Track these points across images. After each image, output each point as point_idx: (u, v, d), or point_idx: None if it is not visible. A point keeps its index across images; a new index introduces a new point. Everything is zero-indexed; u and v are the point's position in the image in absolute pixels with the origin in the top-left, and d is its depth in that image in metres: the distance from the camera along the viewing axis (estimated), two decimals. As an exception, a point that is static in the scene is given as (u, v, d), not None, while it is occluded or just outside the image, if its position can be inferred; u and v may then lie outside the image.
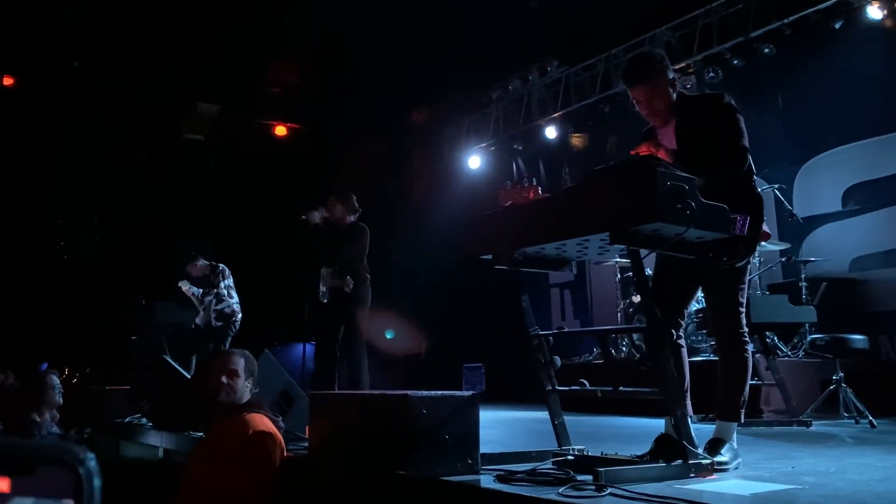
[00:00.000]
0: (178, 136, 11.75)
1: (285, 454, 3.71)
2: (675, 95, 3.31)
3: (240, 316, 8.07)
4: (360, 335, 6.09)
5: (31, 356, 9.79)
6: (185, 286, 8.00)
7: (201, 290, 7.85)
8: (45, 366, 9.62)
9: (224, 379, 3.74)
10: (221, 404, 3.75)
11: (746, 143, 3.16)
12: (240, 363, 3.82)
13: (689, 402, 3.20)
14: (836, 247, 7.75)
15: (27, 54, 10.27)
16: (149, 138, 11.49)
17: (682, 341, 3.33)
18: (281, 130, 12.60)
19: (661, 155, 3.07)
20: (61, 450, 0.66)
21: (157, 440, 5.35)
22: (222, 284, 7.98)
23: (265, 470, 3.55)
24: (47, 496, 0.65)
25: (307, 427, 3.86)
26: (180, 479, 3.78)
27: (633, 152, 3.09)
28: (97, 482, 0.66)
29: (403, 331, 10.82)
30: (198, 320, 8.08)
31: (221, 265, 8.17)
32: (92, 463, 0.66)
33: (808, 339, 6.39)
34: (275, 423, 3.79)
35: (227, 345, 7.81)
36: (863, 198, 7.76)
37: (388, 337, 7.58)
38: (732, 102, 3.26)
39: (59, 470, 0.65)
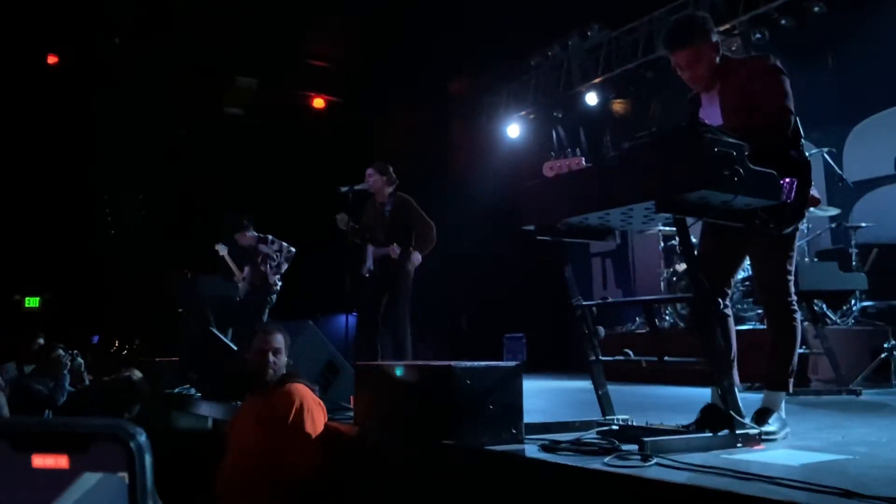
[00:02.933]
0: (218, 110, 11.88)
1: (326, 420, 3.80)
2: (718, 59, 3.22)
3: (277, 288, 8.21)
4: (405, 306, 6.13)
5: (81, 329, 10.08)
6: (222, 249, 8.20)
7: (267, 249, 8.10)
8: (96, 338, 9.92)
9: (271, 357, 3.81)
10: (264, 380, 3.81)
11: (792, 106, 3.06)
12: (283, 340, 3.90)
13: (735, 372, 3.16)
14: (889, 212, 7.52)
15: (70, 33, 10.43)
16: (190, 113, 11.63)
17: (728, 311, 3.28)
18: (319, 103, 12.64)
19: None
20: (114, 426, 0.70)
21: (207, 410, 5.48)
22: (273, 253, 8.16)
23: (311, 438, 3.62)
24: (103, 471, 0.67)
25: (352, 397, 3.91)
26: (223, 452, 3.84)
27: None
28: (148, 457, 0.69)
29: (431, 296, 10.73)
30: (240, 293, 8.25)
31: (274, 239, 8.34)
32: (143, 437, 0.70)
33: (859, 306, 6.26)
34: (313, 391, 3.89)
35: (266, 317, 7.98)
36: (917, 161, 7.51)
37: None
38: (778, 64, 3.15)
39: (113, 445, 0.68)
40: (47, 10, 9.81)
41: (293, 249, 8.32)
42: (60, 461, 0.67)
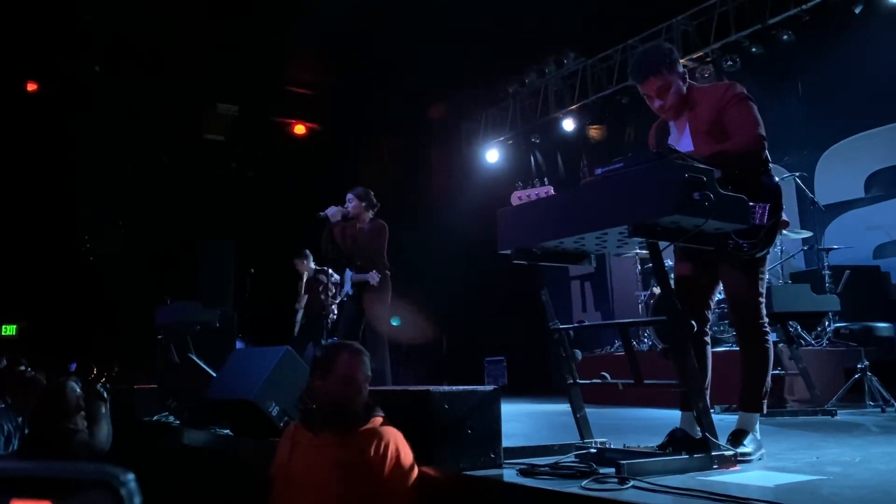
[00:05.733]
0: (198, 137, 11.87)
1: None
2: (685, 88, 3.29)
3: (333, 317, 8.76)
4: (382, 330, 6.13)
5: (59, 356, 9.95)
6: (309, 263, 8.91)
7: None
8: (73, 366, 9.78)
9: (364, 387, 2.98)
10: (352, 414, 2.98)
11: (763, 131, 3.14)
12: (369, 364, 3.09)
13: (706, 398, 3.19)
14: (860, 234, 7.68)
15: (49, 60, 10.41)
16: (170, 139, 11.62)
17: (707, 337, 3.31)
18: (300, 129, 12.68)
19: None
20: (103, 472, 0.67)
21: (185, 438, 5.42)
22: (331, 284, 8.64)
23: (410, 490, 2.89)
24: None
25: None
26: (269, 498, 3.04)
27: None
28: (137, 500, 0.67)
29: (412, 319, 10.81)
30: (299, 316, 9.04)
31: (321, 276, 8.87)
32: (132, 484, 0.67)
33: (832, 327, 6.35)
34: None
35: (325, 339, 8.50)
36: (886, 184, 7.68)
37: (394, 324, 7.40)
38: (745, 91, 3.23)
39: (101, 491, 0.66)
40: (27, 38, 9.80)
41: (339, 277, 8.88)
42: None
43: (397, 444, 2.88)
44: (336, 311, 8.67)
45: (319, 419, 2.97)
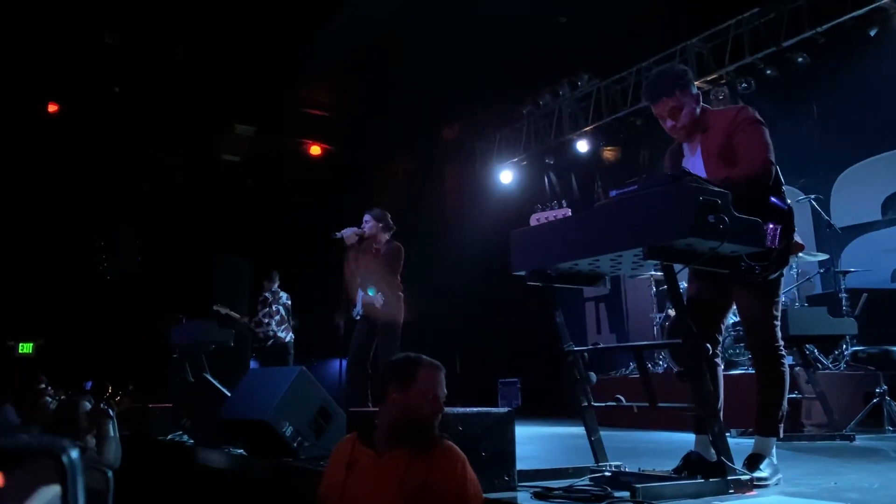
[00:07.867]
0: (216, 157, 12.00)
1: None
2: (699, 110, 3.31)
3: (282, 340, 9.22)
4: (394, 351, 6.12)
5: (75, 374, 10.01)
6: (223, 309, 9.22)
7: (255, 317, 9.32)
8: (89, 384, 9.84)
9: (442, 404, 2.69)
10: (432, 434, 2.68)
11: (772, 156, 3.14)
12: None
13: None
14: (877, 257, 7.61)
15: (71, 81, 10.58)
16: (188, 159, 11.75)
17: (718, 360, 3.30)
18: (316, 150, 12.78)
19: None
20: (47, 443, 0.73)
21: (199, 457, 5.43)
22: (261, 312, 9.23)
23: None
24: (37, 485, 0.71)
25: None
26: None
27: None
28: (80, 473, 0.72)
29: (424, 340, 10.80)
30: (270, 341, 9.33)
31: (267, 294, 9.36)
32: (75, 454, 0.72)
33: (850, 351, 6.29)
34: None
35: (292, 359, 9.03)
36: (904, 207, 7.62)
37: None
38: (757, 115, 3.24)
39: (46, 461, 0.71)
40: (49, 59, 9.97)
41: (270, 296, 9.32)
42: None
43: (466, 466, 2.61)
44: (273, 336, 9.24)
45: (389, 436, 2.62)
